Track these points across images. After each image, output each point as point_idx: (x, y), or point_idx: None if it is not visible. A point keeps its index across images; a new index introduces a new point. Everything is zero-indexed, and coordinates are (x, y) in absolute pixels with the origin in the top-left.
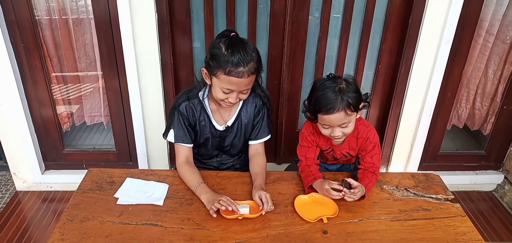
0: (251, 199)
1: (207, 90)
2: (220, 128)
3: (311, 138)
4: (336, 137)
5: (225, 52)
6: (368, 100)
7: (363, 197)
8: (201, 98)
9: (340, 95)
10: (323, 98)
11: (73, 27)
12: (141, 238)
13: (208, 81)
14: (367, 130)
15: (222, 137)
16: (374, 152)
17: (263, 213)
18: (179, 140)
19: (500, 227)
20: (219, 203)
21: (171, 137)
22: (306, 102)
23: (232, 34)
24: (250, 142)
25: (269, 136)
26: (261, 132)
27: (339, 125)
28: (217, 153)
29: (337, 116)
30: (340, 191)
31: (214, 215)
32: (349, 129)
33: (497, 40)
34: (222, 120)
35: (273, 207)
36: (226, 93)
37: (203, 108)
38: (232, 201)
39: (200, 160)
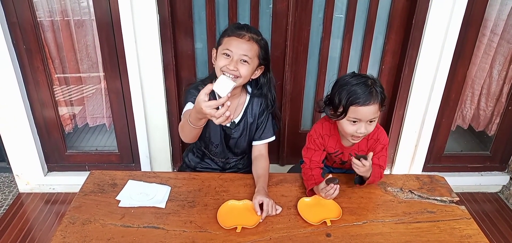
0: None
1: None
2: (227, 123)
3: (319, 141)
4: (359, 135)
5: (232, 25)
6: (385, 104)
7: (363, 183)
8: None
9: (374, 87)
10: (359, 90)
11: (75, 28)
12: (143, 241)
13: (214, 61)
14: (378, 132)
15: (228, 134)
16: (382, 154)
17: (261, 220)
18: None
19: (506, 229)
20: (212, 115)
21: (188, 106)
22: (326, 99)
23: None
24: (254, 143)
25: (273, 138)
26: (265, 132)
27: (368, 120)
28: (222, 149)
29: (372, 109)
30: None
31: (224, 117)
32: (372, 127)
33: (502, 40)
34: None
35: (280, 209)
36: (227, 57)
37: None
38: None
39: (209, 156)
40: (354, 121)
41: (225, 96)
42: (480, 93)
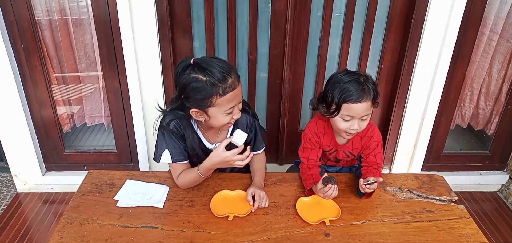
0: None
1: (194, 121)
2: (211, 146)
3: (315, 140)
4: (352, 131)
5: (206, 78)
6: (377, 100)
7: (367, 195)
8: (191, 122)
9: (366, 84)
10: (352, 87)
11: (73, 27)
12: (141, 241)
13: (202, 118)
14: (371, 129)
15: None
16: (377, 151)
17: (253, 210)
18: (176, 159)
19: (504, 228)
20: (237, 159)
21: (166, 158)
22: (319, 97)
23: (192, 60)
24: None
25: (264, 146)
26: (257, 144)
27: (361, 117)
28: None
29: (365, 105)
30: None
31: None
32: (365, 123)
33: (501, 39)
34: (212, 140)
35: (267, 204)
36: (230, 113)
37: (193, 131)
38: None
39: None
40: (347, 118)
41: (241, 145)
42: (479, 92)
